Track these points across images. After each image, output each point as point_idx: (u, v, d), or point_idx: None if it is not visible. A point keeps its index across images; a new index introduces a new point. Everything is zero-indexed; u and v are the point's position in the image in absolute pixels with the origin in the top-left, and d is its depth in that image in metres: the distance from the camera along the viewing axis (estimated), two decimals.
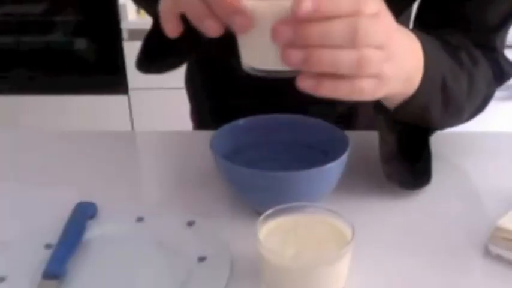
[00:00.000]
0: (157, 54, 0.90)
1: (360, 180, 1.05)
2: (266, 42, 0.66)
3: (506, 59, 1.10)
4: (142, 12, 2.98)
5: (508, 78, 1.09)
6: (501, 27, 1.06)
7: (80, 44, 3.14)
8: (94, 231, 0.91)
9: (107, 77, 3.16)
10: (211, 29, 0.69)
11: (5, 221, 0.96)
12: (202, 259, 0.84)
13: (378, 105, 0.97)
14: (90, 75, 3.18)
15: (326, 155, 0.92)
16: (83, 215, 0.93)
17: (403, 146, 1.00)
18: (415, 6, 1.15)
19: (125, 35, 2.99)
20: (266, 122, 1.04)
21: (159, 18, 0.77)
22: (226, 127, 1.01)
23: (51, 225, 0.90)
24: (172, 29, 0.75)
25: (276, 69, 0.69)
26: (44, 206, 0.99)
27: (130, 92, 3.14)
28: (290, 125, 1.05)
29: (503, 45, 1.10)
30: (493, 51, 1.08)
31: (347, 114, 1.33)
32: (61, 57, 3.15)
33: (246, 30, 0.67)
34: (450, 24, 1.05)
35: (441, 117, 0.98)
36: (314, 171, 0.87)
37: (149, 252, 0.87)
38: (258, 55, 0.71)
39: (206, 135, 0.97)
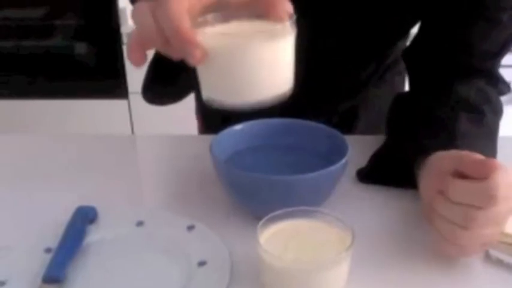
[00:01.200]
0: (165, 79, 0.90)
1: (360, 185, 1.05)
2: (222, 76, 0.68)
3: (502, 80, 1.12)
4: None
5: (502, 96, 1.11)
6: (502, 53, 1.08)
7: (80, 48, 3.13)
8: (94, 236, 0.91)
9: (107, 81, 3.16)
10: (177, 57, 0.70)
11: (5, 225, 0.96)
12: (202, 263, 0.84)
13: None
14: (90, 79, 3.18)
15: (326, 159, 0.92)
16: (83, 219, 0.93)
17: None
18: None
19: (125, 39, 2.99)
20: (266, 126, 1.04)
21: None
22: (225, 132, 1.01)
23: (51, 229, 0.90)
24: (135, 60, 0.74)
25: (232, 102, 0.70)
26: (44, 210, 0.99)
27: (130, 96, 3.14)
28: (290, 130, 1.05)
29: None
30: (492, 76, 1.09)
31: (348, 117, 1.33)
32: (61, 62, 3.15)
33: (199, 63, 0.68)
34: (453, 49, 1.07)
35: None
36: (314, 176, 0.87)
37: (149, 257, 0.87)
38: (214, 88, 0.71)
39: (206, 139, 0.97)
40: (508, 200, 0.77)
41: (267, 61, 0.68)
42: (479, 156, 0.83)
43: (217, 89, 0.71)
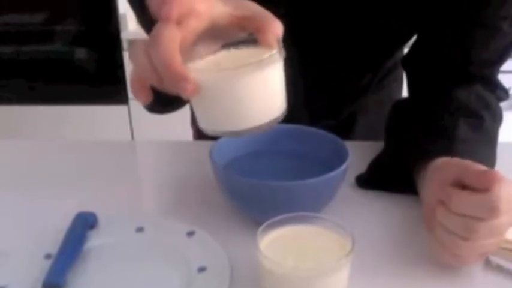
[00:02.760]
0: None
1: (360, 191, 1.05)
2: (214, 107, 0.70)
3: (501, 86, 1.12)
4: None
5: (500, 102, 1.11)
6: (501, 60, 1.08)
7: (80, 53, 3.14)
8: (94, 241, 0.91)
9: (107, 86, 3.16)
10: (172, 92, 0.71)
11: (5, 231, 0.96)
12: (202, 269, 0.84)
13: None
14: (90, 85, 3.18)
15: (326, 165, 0.92)
16: (83, 225, 0.93)
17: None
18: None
19: (125, 45, 2.99)
20: (266, 132, 1.04)
21: None
22: (225, 137, 1.01)
23: (51, 235, 0.90)
24: (142, 99, 0.76)
25: (225, 131, 0.72)
26: (44, 216, 0.99)
27: (130, 102, 3.14)
28: (290, 136, 1.05)
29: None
30: (490, 83, 1.10)
31: (346, 123, 1.33)
32: (61, 67, 3.15)
33: (192, 96, 0.69)
34: (452, 56, 1.07)
35: None
36: (314, 182, 0.87)
37: (149, 263, 0.87)
38: (208, 118, 0.73)
39: (206, 145, 0.97)
40: (510, 212, 0.77)
41: (256, 91, 0.69)
42: (481, 167, 0.84)
43: (210, 119, 0.73)
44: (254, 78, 0.68)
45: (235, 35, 0.72)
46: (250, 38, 0.71)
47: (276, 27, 0.70)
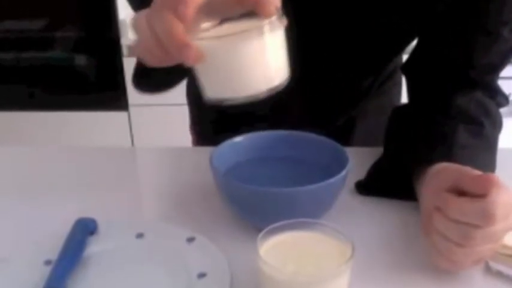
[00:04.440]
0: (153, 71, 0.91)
1: (359, 197, 1.05)
2: (218, 75, 0.73)
3: (501, 93, 1.12)
4: None
5: (500, 108, 1.11)
6: (501, 66, 1.08)
7: (80, 60, 3.13)
8: (94, 247, 0.91)
9: (107, 93, 3.16)
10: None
11: (5, 237, 0.96)
12: (202, 275, 0.84)
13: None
14: (90, 91, 3.18)
15: (326, 171, 0.92)
16: (83, 231, 0.93)
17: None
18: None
19: (125, 51, 2.99)
20: (266, 138, 1.05)
21: None
22: (225, 144, 1.01)
23: (51, 241, 0.90)
24: (151, 61, 0.78)
25: (229, 97, 0.74)
26: (44, 222, 0.99)
27: (130, 108, 3.14)
28: (290, 142, 1.05)
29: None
30: (490, 89, 1.10)
31: (345, 128, 1.33)
32: (61, 74, 3.15)
33: (195, 63, 0.70)
34: (453, 62, 1.07)
35: None
36: (314, 188, 0.87)
37: (149, 269, 0.87)
38: (213, 86, 0.75)
39: (206, 151, 0.97)
40: (506, 218, 0.78)
41: (256, 58, 0.71)
42: (478, 172, 0.84)
43: (213, 87, 0.75)
44: (254, 45, 0.70)
45: (232, 10, 0.72)
46: (250, 12, 0.71)
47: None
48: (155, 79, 1.06)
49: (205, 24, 0.73)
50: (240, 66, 0.71)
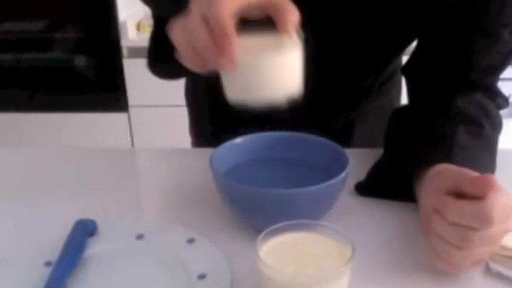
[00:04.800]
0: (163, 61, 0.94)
1: (359, 198, 1.05)
2: (242, 81, 0.79)
3: (500, 94, 1.12)
4: (142, 29, 2.99)
5: (500, 110, 1.11)
6: (502, 68, 1.08)
7: (80, 61, 3.14)
8: (94, 249, 0.91)
9: (106, 94, 3.16)
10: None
11: (5, 238, 0.96)
12: (202, 276, 0.84)
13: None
14: (90, 92, 3.18)
15: (326, 172, 0.92)
16: (82, 232, 0.93)
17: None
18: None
19: (124, 52, 3.00)
20: (265, 140, 1.05)
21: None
22: (225, 145, 1.01)
23: (51, 243, 0.90)
24: (201, 68, 0.80)
25: (251, 102, 0.80)
26: (44, 223, 0.99)
27: (130, 109, 3.14)
28: (290, 143, 1.05)
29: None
30: (490, 90, 1.10)
31: (345, 130, 1.33)
32: (61, 75, 3.15)
33: (229, 71, 0.76)
34: (453, 64, 1.07)
35: None
36: (314, 189, 0.87)
37: (149, 270, 0.87)
38: (235, 90, 0.82)
39: (206, 152, 0.97)
40: (504, 221, 0.77)
41: (279, 71, 0.79)
42: (477, 174, 0.84)
43: (237, 92, 0.81)
44: (277, 60, 0.78)
45: (252, 13, 0.77)
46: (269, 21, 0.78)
47: (293, 17, 0.76)
48: (167, 67, 1.09)
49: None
50: (262, 78, 0.78)
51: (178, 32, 0.78)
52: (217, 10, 0.72)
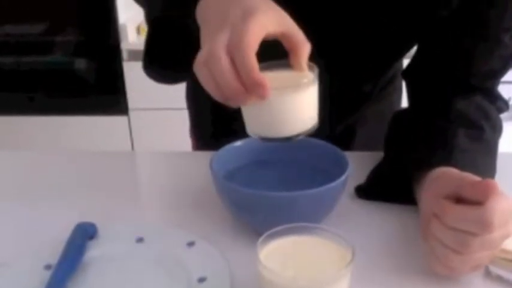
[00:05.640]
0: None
1: (359, 201, 1.05)
2: (262, 117, 0.82)
3: (500, 97, 1.12)
4: (143, 32, 2.99)
5: (501, 113, 1.11)
6: (502, 72, 1.08)
7: (80, 64, 3.14)
8: (94, 252, 0.91)
9: (106, 97, 3.16)
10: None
11: (5, 242, 0.96)
12: (202, 279, 0.84)
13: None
14: (90, 95, 3.18)
15: (326, 175, 0.92)
16: (82, 235, 0.93)
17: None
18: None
19: (124, 55, 3.00)
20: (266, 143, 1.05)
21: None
22: (225, 148, 1.01)
23: (51, 246, 0.90)
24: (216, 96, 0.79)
25: (269, 136, 0.83)
26: (44, 226, 0.99)
27: (130, 113, 3.15)
28: (290, 146, 1.04)
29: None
30: (491, 94, 1.10)
31: (345, 134, 1.33)
32: (61, 78, 3.15)
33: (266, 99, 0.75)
34: (453, 68, 1.07)
35: None
36: (314, 192, 0.87)
37: (149, 273, 0.87)
38: (256, 125, 0.84)
39: (206, 155, 0.97)
40: (503, 226, 0.77)
41: (295, 107, 0.81)
42: (477, 179, 0.84)
43: (255, 127, 0.84)
44: (294, 98, 0.80)
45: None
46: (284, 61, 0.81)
47: (306, 50, 0.78)
48: (162, 72, 1.09)
49: None
50: (279, 114, 0.81)
51: (201, 66, 0.76)
52: (245, 53, 0.72)
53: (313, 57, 0.81)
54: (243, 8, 0.76)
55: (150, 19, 1.08)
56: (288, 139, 0.82)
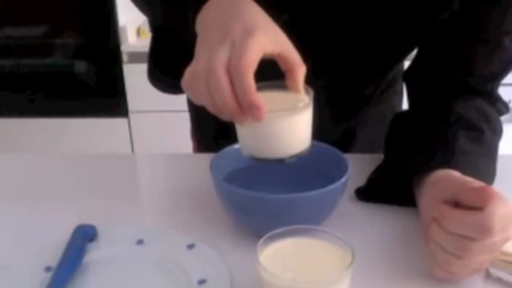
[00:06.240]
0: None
1: (359, 203, 1.05)
2: (256, 139, 0.84)
3: (501, 100, 1.12)
4: (143, 34, 3.00)
5: (501, 116, 1.11)
6: (502, 75, 1.09)
7: (80, 66, 3.14)
8: (94, 254, 0.91)
9: (107, 99, 3.16)
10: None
11: (5, 244, 0.96)
12: (202, 282, 0.84)
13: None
14: (90, 97, 3.18)
15: (326, 177, 0.92)
16: (82, 237, 0.93)
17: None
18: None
19: (124, 57, 3.00)
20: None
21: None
22: (226, 150, 1.01)
23: (51, 248, 0.90)
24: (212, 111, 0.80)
25: (263, 157, 0.84)
26: (44, 228, 0.99)
27: (130, 115, 3.15)
28: None
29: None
30: (491, 97, 1.10)
31: (345, 136, 1.33)
32: (61, 80, 3.15)
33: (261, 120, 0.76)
34: (453, 71, 1.08)
35: None
36: (314, 194, 0.87)
37: (149, 275, 0.87)
38: (250, 146, 0.86)
39: (206, 158, 0.97)
40: (504, 230, 0.77)
41: (290, 130, 0.83)
42: (476, 184, 0.84)
43: (249, 147, 0.86)
44: (289, 121, 0.82)
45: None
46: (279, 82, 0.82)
47: (301, 72, 0.79)
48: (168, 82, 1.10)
49: None
50: (273, 136, 0.82)
51: (195, 80, 0.77)
52: (244, 74, 0.73)
53: (311, 71, 0.82)
54: (243, 24, 0.76)
55: (153, 27, 1.09)
56: (280, 161, 0.84)
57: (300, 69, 0.79)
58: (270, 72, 0.79)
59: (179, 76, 0.80)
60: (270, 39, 0.77)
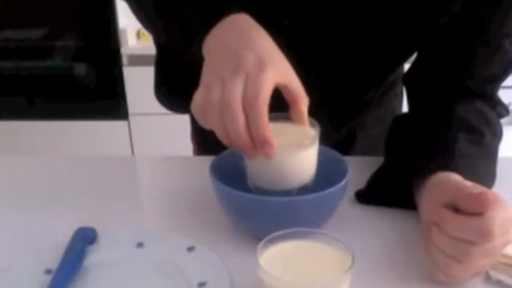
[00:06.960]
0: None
1: (359, 206, 1.05)
2: (263, 171, 0.88)
3: (500, 103, 1.13)
4: (143, 37, 3.00)
5: (501, 118, 1.12)
6: (502, 77, 1.09)
7: (80, 69, 3.14)
8: (94, 257, 0.91)
9: (106, 102, 3.16)
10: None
11: (5, 247, 0.96)
12: (202, 284, 0.84)
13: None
14: (90, 100, 3.19)
15: (326, 180, 0.92)
16: (82, 240, 0.93)
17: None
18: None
19: (124, 60, 3.00)
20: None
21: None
22: (226, 153, 1.01)
23: (51, 251, 0.90)
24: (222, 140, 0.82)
25: (269, 189, 0.88)
26: (44, 231, 0.99)
27: (130, 117, 3.15)
28: None
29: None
30: (491, 99, 1.10)
31: (345, 139, 1.33)
32: (61, 83, 3.16)
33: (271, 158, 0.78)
34: (454, 73, 1.08)
35: None
36: (314, 197, 0.87)
37: (149, 278, 0.87)
38: (257, 178, 0.90)
39: (206, 160, 0.97)
40: (504, 234, 0.78)
41: (296, 165, 0.87)
42: (476, 189, 0.84)
43: (257, 178, 0.90)
44: (295, 156, 0.86)
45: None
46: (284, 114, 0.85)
47: (303, 104, 0.82)
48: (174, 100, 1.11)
49: None
50: (279, 170, 0.86)
51: (208, 108, 0.79)
52: (260, 111, 0.75)
53: (312, 75, 0.83)
54: (255, 56, 0.78)
55: (158, 44, 1.09)
56: (287, 193, 0.87)
57: (303, 101, 0.82)
58: (274, 102, 0.79)
59: (186, 96, 0.81)
60: (279, 71, 0.79)
